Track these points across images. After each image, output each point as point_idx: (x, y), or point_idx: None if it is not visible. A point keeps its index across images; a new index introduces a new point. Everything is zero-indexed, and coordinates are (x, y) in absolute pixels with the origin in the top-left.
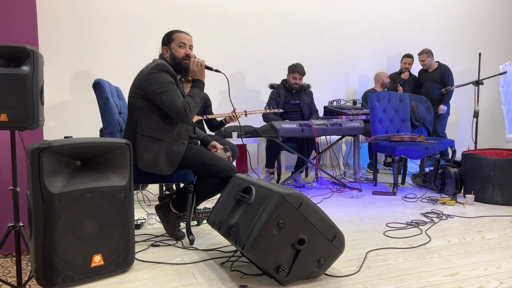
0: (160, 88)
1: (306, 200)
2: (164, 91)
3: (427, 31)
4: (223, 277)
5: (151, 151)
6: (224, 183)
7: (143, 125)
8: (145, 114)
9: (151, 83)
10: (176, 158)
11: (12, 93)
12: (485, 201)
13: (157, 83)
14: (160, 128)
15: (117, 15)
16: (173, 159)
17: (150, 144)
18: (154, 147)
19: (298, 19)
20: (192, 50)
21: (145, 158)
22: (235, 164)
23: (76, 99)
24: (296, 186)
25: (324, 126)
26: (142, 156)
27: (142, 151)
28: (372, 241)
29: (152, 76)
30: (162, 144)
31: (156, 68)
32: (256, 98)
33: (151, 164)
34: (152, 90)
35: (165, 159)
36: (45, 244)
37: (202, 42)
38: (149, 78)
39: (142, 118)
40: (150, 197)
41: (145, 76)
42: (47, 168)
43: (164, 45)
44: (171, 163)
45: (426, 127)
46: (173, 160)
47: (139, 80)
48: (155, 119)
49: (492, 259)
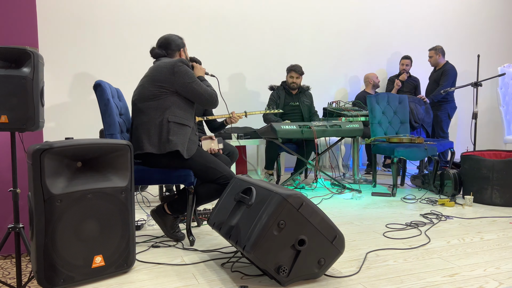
0: (191, 79)
1: (306, 201)
2: (194, 80)
3: (426, 33)
4: (223, 278)
5: (179, 134)
6: (223, 190)
7: (167, 113)
8: (167, 105)
9: (182, 75)
10: (194, 146)
11: (12, 95)
12: (484, 202)
13: (187, 74)
14: (183, 115)
15: (117, 16)
16: (191, 146)
17: (176, 129)
18: (181, 132)
19: (297, 21)
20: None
21: (174, 140)
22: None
23: (76, 101)
24: (296, 187)
25: (324, 127)
26: (170, 140)
27: (168, 136)
28: (371, 242)
29: (180, 68)
30: (188, 129)
31: (181, 62)
32: (255, 99)
33: (181, 145)
34: (183, 81)
35: (188, 144)
36: (46, 245)
37: (202, 43)
38: (177, 71)
39: (162, 108)
40: (150, 198)
41: (171, 68)
42: (49, 169)
43: (182, 47)
44: (189, 149)
45: (425, 128)
46: (191, 147)
47: (161, 73)
48: (177, 108)
49: (491, 259)
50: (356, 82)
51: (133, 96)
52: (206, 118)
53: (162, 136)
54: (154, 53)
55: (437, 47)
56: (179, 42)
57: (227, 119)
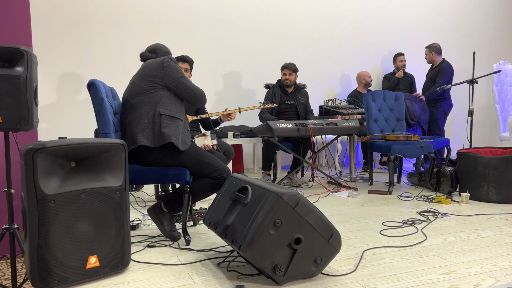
0: (180, 74)
1: (302, 200)
2: (183, 76)
3: (421, 30)
4: (219, 277)
5: (171, 127)
6: (217, 184)
7: (158, 107)
8: (158, 99)
9: (171, 69)
10: (188, 140)
11: (5, 94)
12: (480, 199)
13: (176, 69)
14: (175, 108)
15: (111, 15)
16: (185, 140)
17: (168, 122)
18: (173, 124)
19: (293, 19)
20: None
21: (166, 133)
22: (231, 165)
23: (70, 100)
24: (292, 186)
25: (320, 125)
26: (162, 132)
27: (161, 129)
28: (368, 240)
29: (170, 63)
30: (179, 122)
31: (169, 58)
32: (251, 98)
33: (175, 137)
34: (172, 75)
35: (181, 137)
36: (40, 245)
37: (197, 42)
38: (167, 66)
39: (153, 102)
40: (145, 198)
41: (161, 63)
42: (42, 169)
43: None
44: (184, 142)
45: (421, 126)
46: (186, 140)
47: (151, 68)
48: (168, 102)
49: (487, 256)
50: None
51: (124, 94)
52: (200, 117)
53: (155, 129)
54: (143, 56)
55: (432, 45)
56: (167, 49)
57: (222, 117)
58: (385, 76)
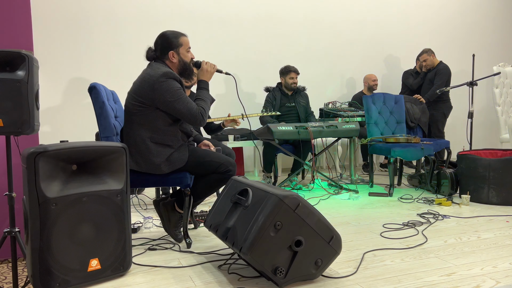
0: (173, 97)
1: (303, 202)
2: (176, 99)
3: (421, 33)
4: (220, 280)
5: (162, 155)
6: (223, 178)
7: (149, 132)
8: (150, 121)
9: (162, 93)
10: (178, 164)
11: (7, 98)
12: (480, 201)
13: (168, 92)
14: (167, 133)
15: (112, 18)
16: (175, 163)
17: (160, 149)
18: (163, 152)
19: (293, 22)
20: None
21: (155, 162)
22: None
23: (71, 103)
24: (293, 188)
25: (320, 128)
26: (153, 161)
27: (151, 157)
28: (369, 242)
29: (162, 85)
30: (170, 150)
31: (164, 77)
32: (251, 101)
33: (165, 164)
34: (163, 99)
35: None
36: (41, 248)
37: (197, 45)
38: (158, 88)
39: (146, 125)
40: (146, 201)
41: (152, 85)
42: (43, 173)
43: (171, 49)
44: (171, 165)
45: (422, 128)
46: (175, 164)
47: (142, 88)
48: (160, 126)
49: (488, 258)
50: (351, 83)
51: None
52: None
53: (143, 156)
54: (148, 55)
55: (425, 49)
56: (170, 41)
57: (225, 122)
58: (407, 72)
